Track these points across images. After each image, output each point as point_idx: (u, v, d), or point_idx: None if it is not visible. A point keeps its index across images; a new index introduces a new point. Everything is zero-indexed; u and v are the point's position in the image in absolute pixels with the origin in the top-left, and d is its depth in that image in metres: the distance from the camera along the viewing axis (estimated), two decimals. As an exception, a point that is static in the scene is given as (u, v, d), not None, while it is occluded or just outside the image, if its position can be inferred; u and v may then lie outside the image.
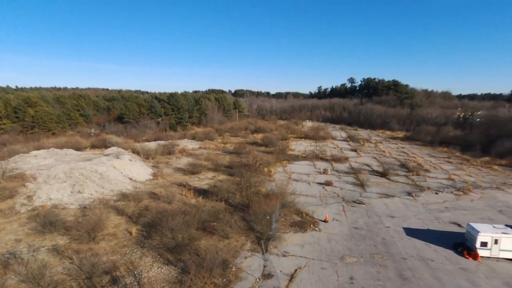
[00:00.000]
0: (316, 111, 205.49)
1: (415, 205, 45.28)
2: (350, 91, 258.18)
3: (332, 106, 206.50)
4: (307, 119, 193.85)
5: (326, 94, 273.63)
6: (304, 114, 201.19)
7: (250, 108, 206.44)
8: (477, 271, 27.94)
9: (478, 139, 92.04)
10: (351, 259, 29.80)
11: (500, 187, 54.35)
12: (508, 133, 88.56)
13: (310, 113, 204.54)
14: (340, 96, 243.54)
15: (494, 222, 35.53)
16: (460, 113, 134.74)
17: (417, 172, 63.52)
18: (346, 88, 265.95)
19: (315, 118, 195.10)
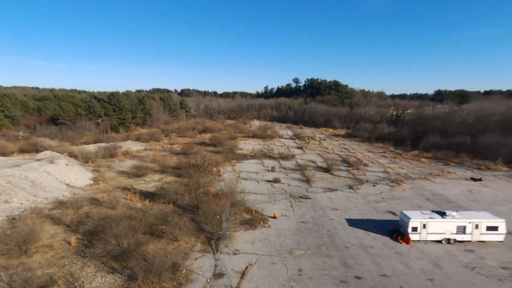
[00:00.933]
0: (263, 110, 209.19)
1: (355, 197, 48.55)
2: (295, 91, 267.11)
3: (279, 105, 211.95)
4: (255, 118, 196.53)
5: (272, 94, 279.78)
6: (251, 114, 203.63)
7: (197, 107, 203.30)
8: (410, 254, 30.91)
9: (408, 135, 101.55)
10: (299, 252, 31.02)
11: (427, 177, 60.59)
12: (433, 129, 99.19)
13: (258, 112, 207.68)
14: (286, 95, 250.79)
15: (423, 209, 39.46)
16: (393, 111, 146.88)
17: (357, 166, 68.07)
18: (291, 88, 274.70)
19: (263, 117, 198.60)
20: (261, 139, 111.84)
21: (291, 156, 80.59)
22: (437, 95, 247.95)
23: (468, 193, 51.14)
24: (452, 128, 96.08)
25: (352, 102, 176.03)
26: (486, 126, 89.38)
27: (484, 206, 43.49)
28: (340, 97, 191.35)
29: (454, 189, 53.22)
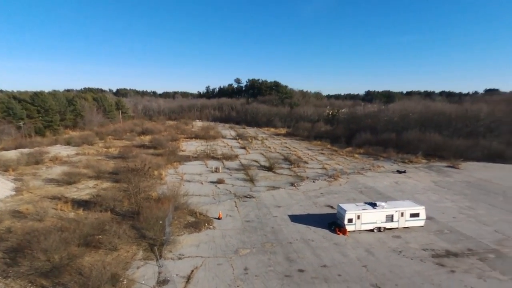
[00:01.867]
0: (205, 110, 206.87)
1: (297, 194, 50.66)
2: (237, 91, 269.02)
3: (221, 105, 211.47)
4: (197, 119, 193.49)
5: (214, 94, 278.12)
6: (193, 114, 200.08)
7: (135, 108, 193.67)
8: (346, 244, 33.25)
9: (343, 133, 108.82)
10: (244, 251, 31.44)
11: (360, 172, 65.59)
12: (364, 127, 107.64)
13: (200, 113, 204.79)
14: (228, 96, 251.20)
15: (357, 201, 42.65)
16: (329, 111, 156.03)
17: (298, 164, 71.03)
18: (233, 88, 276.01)
19: (205, 118, 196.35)
20: (204, 140, 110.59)
21: (235, 156, 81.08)
22: (367, 95, 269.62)
23: (395, 184, 56.56)
24: (380, 126, 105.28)
25: (292, 102, 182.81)
26: (408, 124, 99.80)
27: (408, 196, 48.52)
28: (280, 97, 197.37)
29: (383, 181, 58.44)
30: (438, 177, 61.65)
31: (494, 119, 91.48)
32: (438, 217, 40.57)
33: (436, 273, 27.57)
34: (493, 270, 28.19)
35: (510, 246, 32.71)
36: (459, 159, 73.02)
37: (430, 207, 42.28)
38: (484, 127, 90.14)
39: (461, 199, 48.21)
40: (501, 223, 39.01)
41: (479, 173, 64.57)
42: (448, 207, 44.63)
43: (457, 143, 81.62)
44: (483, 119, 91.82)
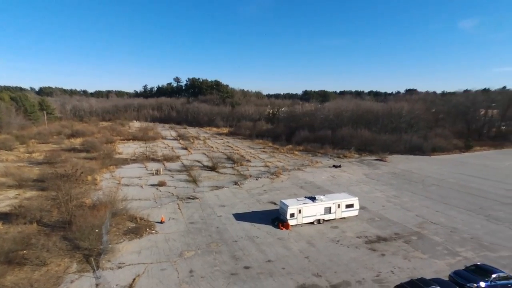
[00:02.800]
0: (143, 110, 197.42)
1: (241, 192, 51.14)
2: (177, 90, 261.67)
3: (160, 105, 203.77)
4: (134, 119, 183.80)
5: (153, 93, 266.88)
6: (130, 114, 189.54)
7: (63, 109, 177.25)
8: (289, 238, 34.55)
9: (283, 131, 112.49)
10: (189, 253, 30.85)
11: (300, 168, 68.52)
12: (302, 125, 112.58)
13: (137, 113, 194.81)
14: (167, 95, 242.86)
15: (298, 196, 44.46)
16: (269, 110, 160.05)
17: (241, 163, 71.69)
18: (173, 87, 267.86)
19: (143, 118, 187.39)
20: (143, 141, 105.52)
21: (176, 157, 78.91)
22: (305, 94, 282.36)
23: (331, 178, 60.23)
24: (317, 124, 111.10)
25: (233, 102, 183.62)
26: (342, 121, 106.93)
27: (343, 188, 52.06)
28: (222, 97, 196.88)
29: (321, 176, 61.86)
30: (368, 170, 67.18)
31: (413, 116, 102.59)
32: (370, 207, 44.26)
33: (369, 257, 30.09)
34: (416, 250, 31.68)
35: (428, 228, 37.04)
36: (386, 152, 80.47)
37: (362, 198, 45.89)
38: (406, 123, 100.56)
39: (388, 189, 53.19)
40: (421, 208, 43.98)
41: (403, 165, 71.91)
42: (378, 197, 48.94)
43: (384, 138, 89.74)
44: (405, 116, 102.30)
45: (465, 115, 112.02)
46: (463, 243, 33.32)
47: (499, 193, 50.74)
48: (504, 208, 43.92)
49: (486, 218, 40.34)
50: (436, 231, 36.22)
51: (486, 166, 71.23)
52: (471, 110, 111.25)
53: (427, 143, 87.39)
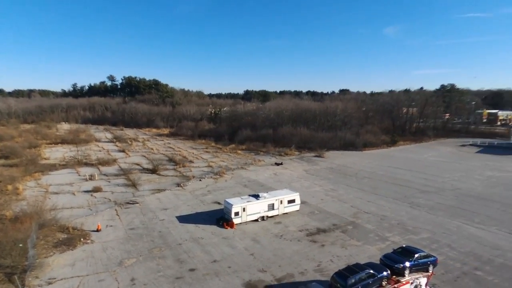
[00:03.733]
0: (73, 111, 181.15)
1: (184, 194, 50.02)
2: (112, 90, 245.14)
3: (93, 105, 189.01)
4: (63, 121, 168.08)
5: (84, 93, 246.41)
6: (58, 116, 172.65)
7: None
8: (234, 236, 34.79)
9: (225, 130, 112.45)
10: (130, 261, 29.33)
11: (243, 167, 69.24)
12: (245, 124, 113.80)
13: (66, 114, 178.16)
14: (101, 94, 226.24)
15: (242, 195, 44.81)
16: (211, 109, 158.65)
17: (183, 164, 70.05)
18: (107, 86, 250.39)
19: (73, 120, 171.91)
20: (74, 144, 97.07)
21: (113, 160, 74.16)
22: (246, 94, 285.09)
23: (274, 176, 61.96)
24: (259, 123, 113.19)
25: (174, 101, 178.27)
26: (282, 120, 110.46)
27: (285, 184, 53.91)
28: (161, 96, 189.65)
29: (264, 174, 63.29)
30: (308, 166, 70.53)
31: (347, 114, 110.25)
32: (310, 201, 46.53)
33: (310, 249, 31.68)
34: (352, 238, 34.19)
35: (362, 218, 40.20)
36: (324, 149, 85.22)
37: (303, 193, 48.03)
38: (340, 121, 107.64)
39: (326, 183, 56.45)
40: (355, 199, 47.53)
41: (338, 160, 76.86)
42: (317, 191, 51.67)
43: (321, 136, 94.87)
44: (339, 115, 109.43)
45: (391, 113, 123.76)
46: (391, 229, 36.83)
47: (419, 182, 57.03)
48: (423, 195, 49.51)
49: (409, 205, 45.08)
50: (368, 220, 39.48)
51: (408, 158, 79.53)
52: (395, 108, 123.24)
53: (359, 139, 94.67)
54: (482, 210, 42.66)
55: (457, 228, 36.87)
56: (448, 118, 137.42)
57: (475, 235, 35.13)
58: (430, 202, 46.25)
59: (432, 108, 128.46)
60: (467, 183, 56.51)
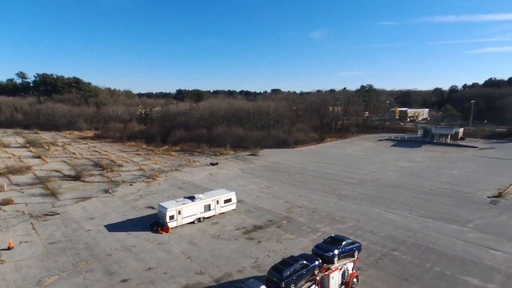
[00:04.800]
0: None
1: (113, 201, 46.73)
2: (22, 88, 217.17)
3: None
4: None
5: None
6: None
7: None
8: (170, 241, 33.66)
9: (157, 131, 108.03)
10: (51, 279, 26.41)
11: (177, 168, 67.29)
12: (178, 124, 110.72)
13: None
14: (9, 94, 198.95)
15: (176, 197, 43.51)
16: (141, 109, 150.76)
17: (111, 168, 65.38)
18: (16, 84, 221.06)
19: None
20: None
21: (26, 168, 65.77)
22: (179, 93, 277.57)
23: (209, 176, 61.43)
24: (193, 123, 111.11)
25: (98, 101, 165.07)
26: (217, 120, 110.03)
27: (221, 184, 53.86)
28: (83, 96, 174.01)
29: (199, 174, 62.36)
30: (243, 165, 71.49)
31: (279, 113, 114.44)
32: (246, 199, 47.24)
33: (248, 246, 32.20)
34: (286, 232, 35.65)
35: (295, 212, 42.16)
36: (258, 147, 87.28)
37: (239, 192, 48.53)
38: (273, 120, 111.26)
39: (261, 181, 57.88)
40: (289, 195, 49.63)
41: (272, 158, 79.40)
42: (253, 189, 52.69)
43: (255, 135, 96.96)
44: (272, 114, 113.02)
45: (318, 111, 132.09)
46: (322, 220, 39.33)
47: (344, 175, 61.88)
48: (348, 187, 53.86)
49: (337, 197, 48.64)
50: (301, 213, 41.59)
51: (335, 154, 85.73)
52: (323, 107, 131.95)
53: (291, 137, 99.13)
54: (396, 197, 48.02)
55: (377, 215, 40.92)
56: (368, 115, 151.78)
57: (392, 220, 39.39)
58: (354, 193, 50.52)
59: (354, 107, 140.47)
60: (384, 173, 63.04)
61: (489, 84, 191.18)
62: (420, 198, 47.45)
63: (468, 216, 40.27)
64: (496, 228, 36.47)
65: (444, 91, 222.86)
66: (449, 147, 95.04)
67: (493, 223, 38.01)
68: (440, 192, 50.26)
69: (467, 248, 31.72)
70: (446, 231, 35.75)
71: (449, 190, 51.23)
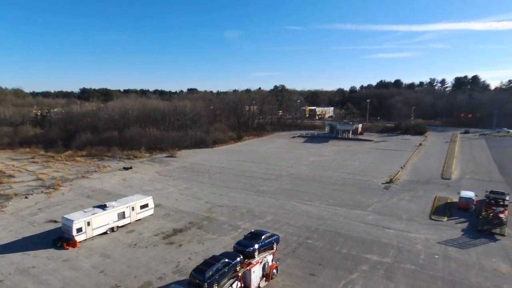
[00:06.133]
0: None
1: (3, 218, 39.95)
2: None
3: None
4: None
5: None
6: None
7: None
8: (78, 256, 30.34)
9: (58, 135, 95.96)
10: None
11: (84, 175, 60.93)
12: (83, 127, 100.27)
13: None
14: None
15: (85, 207, 39.39)
16: (37, 111, 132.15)
17: (0, 180, 55.80)
18: None
19: None
20: None
21: None
22: (83, 93, 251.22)
23: (123, 181, 57.24)
24: (101, 125, 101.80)
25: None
26: (129, 121, 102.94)
27: (137, 189, 50.71)
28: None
29: (111, 180, 57.61)
30: (160, 167, 68.55)
31: (196, 113, 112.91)
32: (164, 203, 45.44)
33: (168, 252, 31.05)
34: (208, 233, 35.46)
35: (216, 211, 42.22)
36: (175, 148, 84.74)
37: (157, 196, 46.45)
38: (190, 120, 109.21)
39: (180, 183, 56.34)
40: (209, 195, 49.42)
41: (191, 158, 77.97)
42: (171, 192, 50.96)
43: (172, 135, 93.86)
44: (189, 114, 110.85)
45: (235, 111, 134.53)
46: (242, 217, 40.23)
47: (262, 171, 64.36)
48: (266, 183, 56.20)
49: (255, 193, 50.30)
50: (222, 212, 41.86)
51: (253, 151, 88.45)
52: (239, 106, 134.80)
53: (209, 137, 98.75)
54: (309, 189, 51.95)
55: (293, 207, 43.68)
56: (281, 114, 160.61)
57: (305, 210, 42.49)
58: (271, 188, 52.94)
59: (269, 106, 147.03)
60: (298, 168, 67.57)
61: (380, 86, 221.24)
62: (329, 189, 52.26)
63: (367, 201, 45.92)
64: (389, 210, 42.45)
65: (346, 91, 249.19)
66: (351, 141, 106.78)
67: (387, 205, 44.14)
68: (344, 182, 56.14)
69: (368, 229, 36.18)
70: (351, 216, 40.16)
71: (352, 180, 57.63)
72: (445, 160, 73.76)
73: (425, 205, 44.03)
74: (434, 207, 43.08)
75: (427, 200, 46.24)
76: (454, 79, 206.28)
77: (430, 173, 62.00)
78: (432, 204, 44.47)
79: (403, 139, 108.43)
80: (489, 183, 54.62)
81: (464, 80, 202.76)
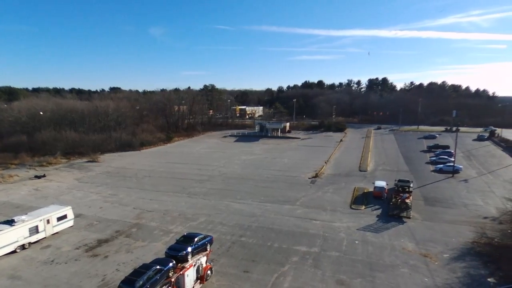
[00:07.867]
0: None
1: None
2: None
3: None
4: None
5: None
6: None
7: None
8: (-21, 282, 26.15)
9: None
10: None
11: (-15, 187, 52.61)
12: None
13: None
14: None
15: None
16: None
17: None
18: None
19: None
20: None
21: None
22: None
23: (35, 192, 50.95)
24: (5, 128, 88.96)
25: None
26: (40, 123, 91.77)
27: (53, 200, 45.65)
28: None
29: (20, 191, 50.85)
30: (80, 174, 62.67)
31: (120, 113, 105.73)
32: (86, 212, 41.74)
33: (92, 265, 28.61)
34: (137, 240, 33.62)
35: (146, 217, 40.24)
36: (97, 152, 78.25)
37: (77, 205, 42.50)
38: (114, 121, 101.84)
39: (104, 189, 52.30)
40: (137, 200, 46.86)
41: (116, 162, 72.86)
42: (94, 200, 47.02)
43: (93, 138, 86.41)
44: (112, 114, 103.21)
45: (164, 111, 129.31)
46: (174, 221, 39.06)
47: (194, 173, 63.27)
48: (198, 184, 55.41)
49: (188, 195, 49.26)
50: (152, 218, 40.06)
51: (184, 153, 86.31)
52: (168, 106, 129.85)
53: (136, 138, 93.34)
54: (241, 188, 52.75)
55: (226, 207, 43.90)
56: (212, 114, 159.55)
57: (238, 209, 43.06)
58: (204, 189, 52.40)
59: (199, 106, 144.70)
60: (230, 167, 68.04)
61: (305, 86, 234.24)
62: (260, 186, 53.76)
63: (296, 195, 48.46)
64: (315, 202, 45.44)
65: (274, 91, 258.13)
66: (280, 139, 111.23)
67: (313, 199, 47.17)
68: (275, 179, 58.33)
69: (297, 222, 38.23)
70: (281, 211, 41.94)
71: (282, 176, 60.17)
72: (362, 154, 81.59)
73: (346, 196, 48.21)
74: (353, 197, 47.43)
75: (348, 191, 50.67)
76: (368, 80, 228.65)
77: (350, 166, 68.02)
78: (352, 194, 48.88)
79: (326, 136, 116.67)
80: (397, 173, 62.11)
81: (375, 82, 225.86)
